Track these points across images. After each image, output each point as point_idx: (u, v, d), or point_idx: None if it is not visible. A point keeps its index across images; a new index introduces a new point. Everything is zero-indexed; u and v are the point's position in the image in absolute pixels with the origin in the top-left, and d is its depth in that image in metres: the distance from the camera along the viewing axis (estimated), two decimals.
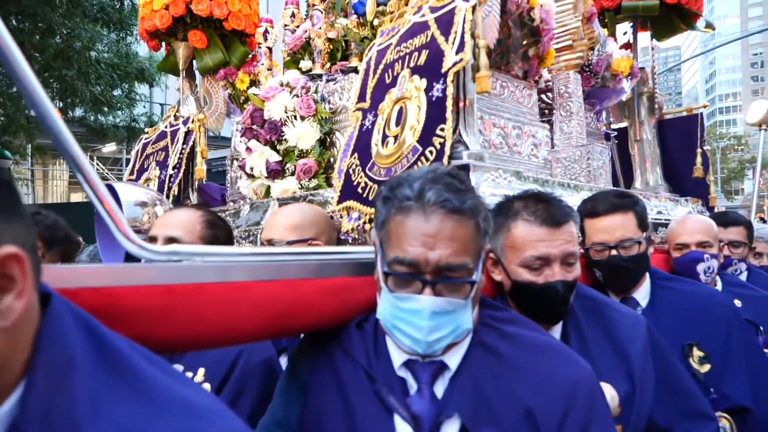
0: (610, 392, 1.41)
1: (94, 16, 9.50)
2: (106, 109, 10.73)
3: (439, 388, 1.13)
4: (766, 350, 2.29)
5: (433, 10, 1.94)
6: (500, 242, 1.50)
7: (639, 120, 3.24)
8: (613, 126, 3.53)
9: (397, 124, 1.88)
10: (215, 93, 3.35)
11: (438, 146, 1.68)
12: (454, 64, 1.72)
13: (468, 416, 1.09)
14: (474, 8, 1.77)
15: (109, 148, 16.44)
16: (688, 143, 3.26)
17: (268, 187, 2.56)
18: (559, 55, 2.70)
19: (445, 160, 1.64)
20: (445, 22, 1.84)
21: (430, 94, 1.78)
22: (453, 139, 1.87)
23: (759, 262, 3.02)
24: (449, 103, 1.70)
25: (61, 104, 9.83)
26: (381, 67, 2.07)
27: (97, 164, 17.26)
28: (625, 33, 3.38)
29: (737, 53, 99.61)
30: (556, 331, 1.52)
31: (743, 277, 2.70)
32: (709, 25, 3.48)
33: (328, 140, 2.57)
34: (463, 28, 1.75)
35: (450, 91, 1.71)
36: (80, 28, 9.29)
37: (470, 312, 1.12)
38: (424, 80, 1.82)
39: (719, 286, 2.40)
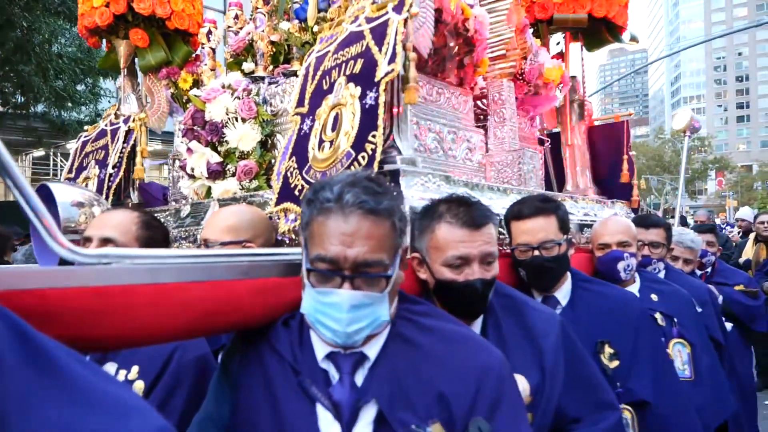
0: (522, 383, 1.61)
1: (55, 10, 9.44)
2: (69, 104, 10.62)
3: (360, 378, 1.27)
4: (680, 339, 2.61)
5: (368, 20, 2.15)
6: (425, 243, 1.70)
7: (570, 126, 3.56)
8: (547, 131, 3.85)
9: (333, 129, 2.08)
10: (157, 92, 3.49)
11: (370, 152, 1.89)
12: (386, 74, 1.93)
13: (385, 402, 1.23)
14: (406, 21, 2.00)
15: (73, 144, 16.06)
16: (615, 148, 3.60)
17: (209, 188, 2.73)
18: (494, 64, 2.97)
19: (375, 165, 1.85)
20: (379, 33, 2.05)
21: (363, 101, 1.99)
22: (387, 144, 2.12)
23: (675, 266, 3.36)
24: (381, 111, 1.90)
25: (22, 99, 9.68)
26: (319, 73, 2.28)
27: (61, 161, 16.84)
28: (558, 43, 3.70)
29: (701, 57, 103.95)
30: (477, 326, 1.72)
31: (661, 275, 3.01)
32: (633, 38, 3.84)
33: (270, 142, 2.77)
34: (395, 39, 1.96)
35: (382, 99, 1.91)
36: (41, 22, 9.23)
37: (387, 305, 1.27)
38: (359, 88, 2.03)
39: (638, 283, 2.69)
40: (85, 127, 3.60)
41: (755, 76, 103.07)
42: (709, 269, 4.19)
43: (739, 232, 9.33)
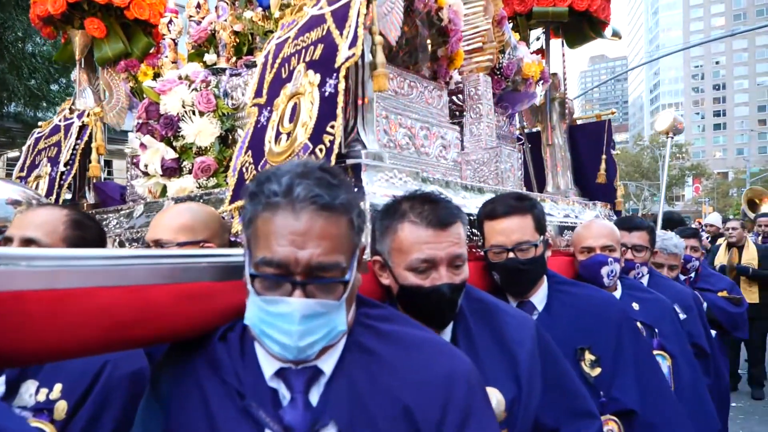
0: (496, 396, 1.46)
1: (28, 7, 9.13)
2: (44, 104, 10.31)
3: (315, 396, 1.11)
4: (660, 351, 2.46)
5: (330, 2, 1.96)
6: (387, 245, 1.52)
7: (551, 125, 3.40)
8: (528, 130, 3.69)
9: (291, 120, 1.89)
10: (116, 86, 3.28)
11: (328, 144, 1.70)
12: (347, 59, 1.75)
13: (344, 422, 1.08)
14: (369, 2, 1.83)
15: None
16: (597, 148, 3.45)
17: (165, 186, 2.53)
18: (470, 57, 2.81)
19: (333, 158, 1.67)
20: (341, 16, 1.87)
21: (323, 89, 1.80)
22: (351, 137, 1.93)
23: (660, 273, 3.22)
24: (340, 99, 1.72)
25: None
26: (278, 61, 2.09)
27: None
28: (538, 38, 3.55)
29: (680, 65, 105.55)
30: (446, 334, 1.55)
31: (644, 280, 2.87)
32: (616, 34, 3.70)
33: (230, 137, 2.57)
34: (357, 21, 1.78)
35: (342, 86, 1.73)
36: (14, 20, 8.94)
37: (344, 313, 1.11)
38: (318, 75, 1.84)
39: (619, 290, 2.54)
40: (39, 123, 3.37)
41: (731, 84, 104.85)
42: (693, 274, 4.07)
43: (708, 237, 9.32)
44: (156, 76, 3.14)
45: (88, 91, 3.26)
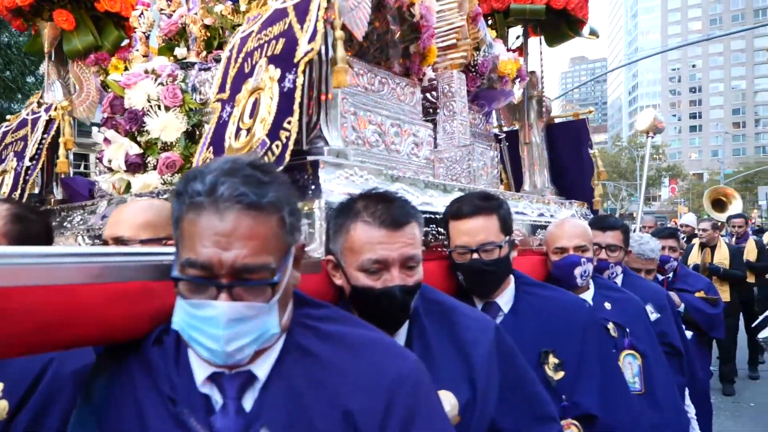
0: (450, 400, 1.39)
1: None
2: (19, 96, 10.03)
3: (249, 401, 1.05)
4: (631, 351, 2.39)
5: None
6: (340, 245, 1.45)
7: (528, 123, 3.31)
8: (506, 129, 3.59)
9: (251, 116, 1.79)
10: (86, 79, 3.14)
11: (284, 140, 1.60)
12: (306, 54, 1.65)
13: (279, 427, 1.02)
14: None
15: None
16: (575, 147, 3.36)
17: (129, 182, 2.40)
18: (444, 54, 2.70)
19: (287, 155, 1.56)
20: (302, 10, 1.76)
21: (282, 84, 1.70)
22: (314, 134, 1.82)
23: None
24: (298, 94, 1.62)
25: None
26: (242, 55, 1.97)
27: None
28: (518, 37, 3.45)
29: (657, 68, 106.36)
30: (401, 336, 1.48)
31: (619, 280, 2.79)
32: (593, 33, 3.61)
33: (197, 133, 2.44)
34: (317, 15, 1.68)
35: (300, 82, 1.64)
36: None
37: (276, 315, 1.04)
38: (278, 70, 1.74)
39: (592, 290, 2.46)
40: (7, 117, 3.21)
41: (707, 87, 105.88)
42: (671, 274, 4.00)
43: (683, 237, 9.35)
44: (127, 69, 3.00)
45: (58, 84, 3.11)
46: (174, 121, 2.34)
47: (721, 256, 6.84)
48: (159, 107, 2.36)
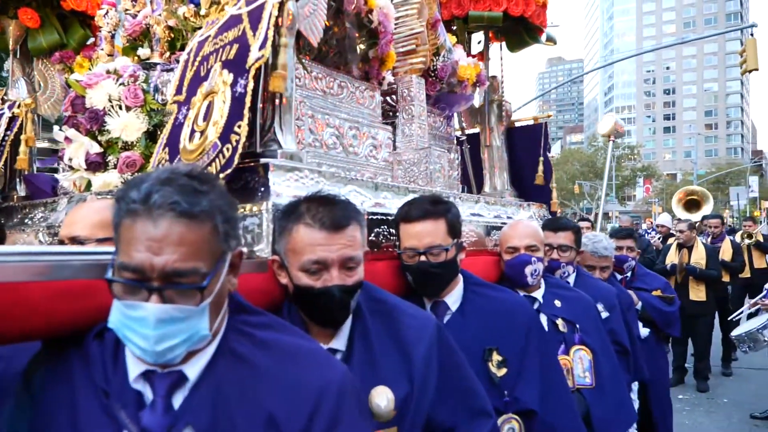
0: (387, 395, 1.45)
1: None
2: None
3: (178, 400, 1.11)
4: (581, 346, 2.48)
5: (248, 2, 1.91)
6: (284, 245, 1.50)
7: (489, 126, 3.39)
8: (468, 131, 3.66)
9: (205, 119, 1.83)
10: (51, 77, 3.14)
11: (234, 143, 1.65)
12: (256, 60, 1.70)
13: (203, 428, 1.07)
14: (282, 4, 1.76)
15: None
16: (534, 150, 3.45)
17: (90, 181, 2.42)
18: (404, 59, 2.76)
19: (237, 158, 1.61)
20: (255, 17, 1.81)
21: (234, 89, 1.75)
22: (268, 137, 1.87)
23: (592, 275, 3.22)
24: (248, 99, 1.67)
25: None
26: (198, 59, 2.01)
27: None
28: (479, 42, 3.52)
29: (632, 69, 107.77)
30: (343, 334, 1.54)
31: (571, 279, 2.88)
32: (551, 39, 3.71)
33: (159, 133, 2.47)
34: (269, 23, 1.73)
35: (250, 87, 1.68)
36: None
37: (206, 318, 1.08)
38: (231, 75, 1.78)
39: (542, 288, 2.54)
40: None
41: (681, 89, 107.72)
42: (629, 274, 4.12)
43: (659, 237, 9.53)
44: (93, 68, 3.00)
45: (22, 81, 3.10)
46: (135, 121, 2.37)
47: (698, 256, 6.94)
48: (120, 107, 2.38)
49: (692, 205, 12.59)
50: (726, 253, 7.69)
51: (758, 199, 54.02)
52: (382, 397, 1.43)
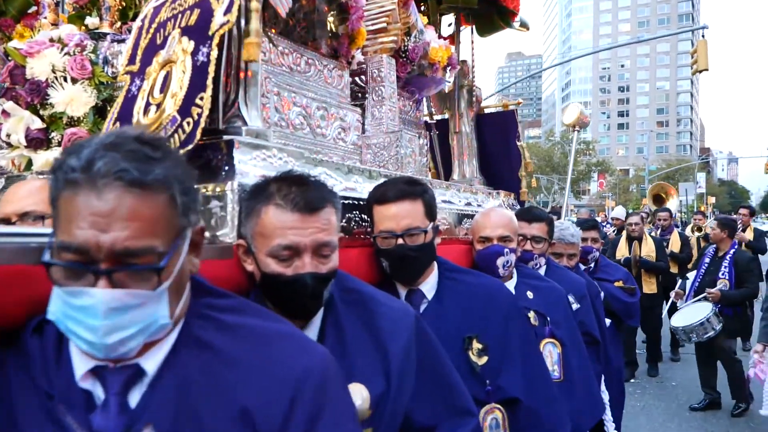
0: (361, 393, 1.36)
1: None
2: None
3: (136, 397, 0.98)
4: (551, 339, 2.45)
5: None
6: (251, 228, 1.38)
7: (459, 112, 3.32)
8: (436, 117, 3.59)
9: (161, 90, 1.68)
10: None
11: (196, 117, 1.51)
12: (221, 26, 1.56)
13: (165, 426, 0.95)
14: None
15: None
16: (503, 138, 3.40)
17: (31, 159, 2.22)
18: (374, 37, 2.65)
19: (199, 132, 1.48)
20: None
21: (196, 58, 1.60)
22: (231, 112, 1.73)
23: (559, 262, 3.23)
24: (212, 69, 1.53)
25: None
26: (154, 25, 1.85)
27: None
28: (449, 25, 3.44)
29: (589, 66, 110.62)
30: (314, 326, 1.43)
31: (542, 271, 2.85)
32: (524, 25, 3.67)
33: (108, 108, 2.29)
34: None
35: (214, 55, 1.55)
36: None
37: (165, 304, 0.96)
38: (192, 42, 1.63)
39: (515, 279, 2.50)
40: None
41: (635, 87, 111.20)
42: (592, 265, 4.15)
43: (614, 230, 9.79)
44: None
45: None
46: (81, 94, 2.18)
47: (648, 249, 7.14)
48: (65, 79, 2.19)
49: (659, 200, 13.12)
50: (675, 244, 8.02)
51: (705, 194, 56.49)
52: (357, 396, 1.33)
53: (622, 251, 7.32)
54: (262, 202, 1.35)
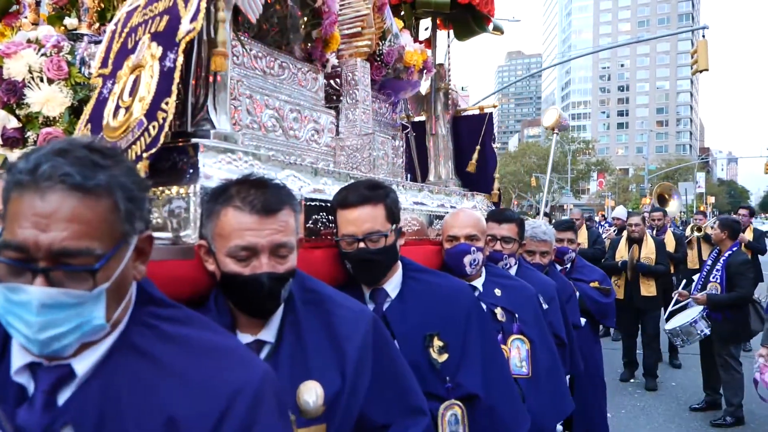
0: (316, 390, 1.42)
1: None
2: None
3: (64, 397, 1.03)
4: (519, 336, 2.53)
5: None
6: (211, 229, 1.45)
7: (435, 115, 3.41)
8: (414, 119, 3.68)
9: (131, 94, 1.76)
10: None
11: (161, 121, 1.59)
12: (187, 33, 1.64)
13: (86, 429, 0.99)
14: None
15: None
16: (479, 140, 3.49)
17: (6, 158, 2.30)
18: (349, 41, 2.74)
19: (163, 136, 1.56)
20: None
21: (163, 63, 1.68)
22: (200, 116, 1.82)
23: (532, 260, 3.33)
24: (177, 74, 1.62)
25: None
26: (126, 30, 1.94)
27: None
28: (426, 29, 3.54)
29: (589, 66, 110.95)
30: (273, 324, 1.50)
31: (513, 271, 2.94)
32: (497, 29, 3.77)
33: (84, 108, 2.37)
34: None
35: (179, 62, 1.63)
36: None
37: (102, 306, 1.00)
38: (160, 48, 1.72)
39: (483, 277, 2.58)
40: None
41: (634, 87, 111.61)
42: (568, 265, 4.25)
43: (614, 230, 9.86)
44: None
45: None
46: (58, 94, 2.26)
47: (648, 251, 7.07)
48: (42, 79, 2.27)
49: (662, 200, 13.22)
50: (669, 245, 8.02)
51: (704, 194, 56.84)
52: (311, 393, 1.40)
53: (621, 253, 7.27)
54: (221, 204, 1.42)
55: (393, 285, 2.04)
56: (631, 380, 7.22)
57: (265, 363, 1.21)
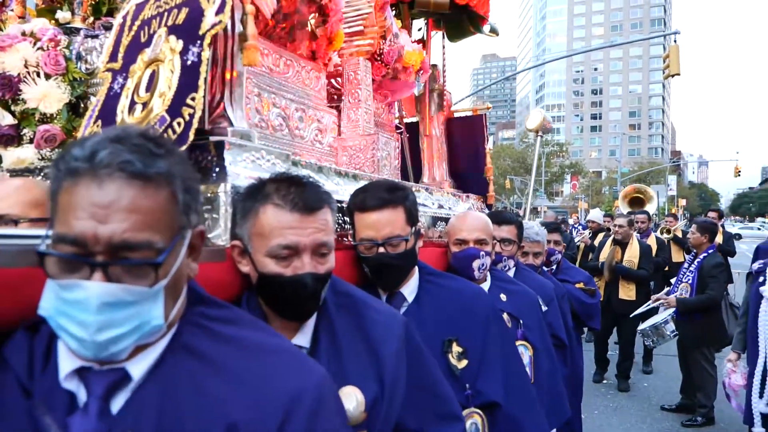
0: (357, 396, 1.40)
1: None
2: None
3: (119, 403, 0.98)
4: (523, 342, 2.60)
5: None
6: (248, 229, 1.42)
7: (429, 116, 3.48)
8: (408, 120, 3.75)
9: (148, 89, 1.76)
10: None
11: (187, 117, 1.60)
12: (213, 26, 1.65)
13: None
14: None
15: None
16: (473, 142, 3.57)
17: (0, 156, 2.28)
18: (350, 40, 2.78)
19: (191, 133, 1.57)
20: None
21: (185, 57, 1.69)
22: (217, 113, 1.84)
23: (525, 261, 3.42)
24: (203, 69, 1.63)
25: None
26: (138, 23, 1.94)
27: None
28: (419, 29, 3.60)
29: (563, 69, 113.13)
30: (308, 328, 1.48)
31: (511, 273, 3.02)
32: (494, 30, 3.85)
33: (82, 105, 2.36)
34: None
35: (206, 55, 1.64)
36: None
37: (161, 305, 0.96)
38: (181, 42, 1.72)
39: (488, 282, 2.64)
40: None
41: (607, 90, 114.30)
42: (554, 266, 4.37)
43: (589, 233, 10.07)
44: (0, 31, 2.82)
45: None
46: (55, 90, 2.24)
47: (632, 254, 7.13)
48: (38, 74, 2.26)
49: (636, 202, 13.47)
50: (652, 248, 8.23)
51: (676, 197, 58.44)
52: (351, 399, 1.38)
53: (605, 255, 7.36)
54: (259, 202, 1.40)
55: (410, 289, 2.03)
56: (604, 381, 7.38)
57: (321, 366, 1.17)
